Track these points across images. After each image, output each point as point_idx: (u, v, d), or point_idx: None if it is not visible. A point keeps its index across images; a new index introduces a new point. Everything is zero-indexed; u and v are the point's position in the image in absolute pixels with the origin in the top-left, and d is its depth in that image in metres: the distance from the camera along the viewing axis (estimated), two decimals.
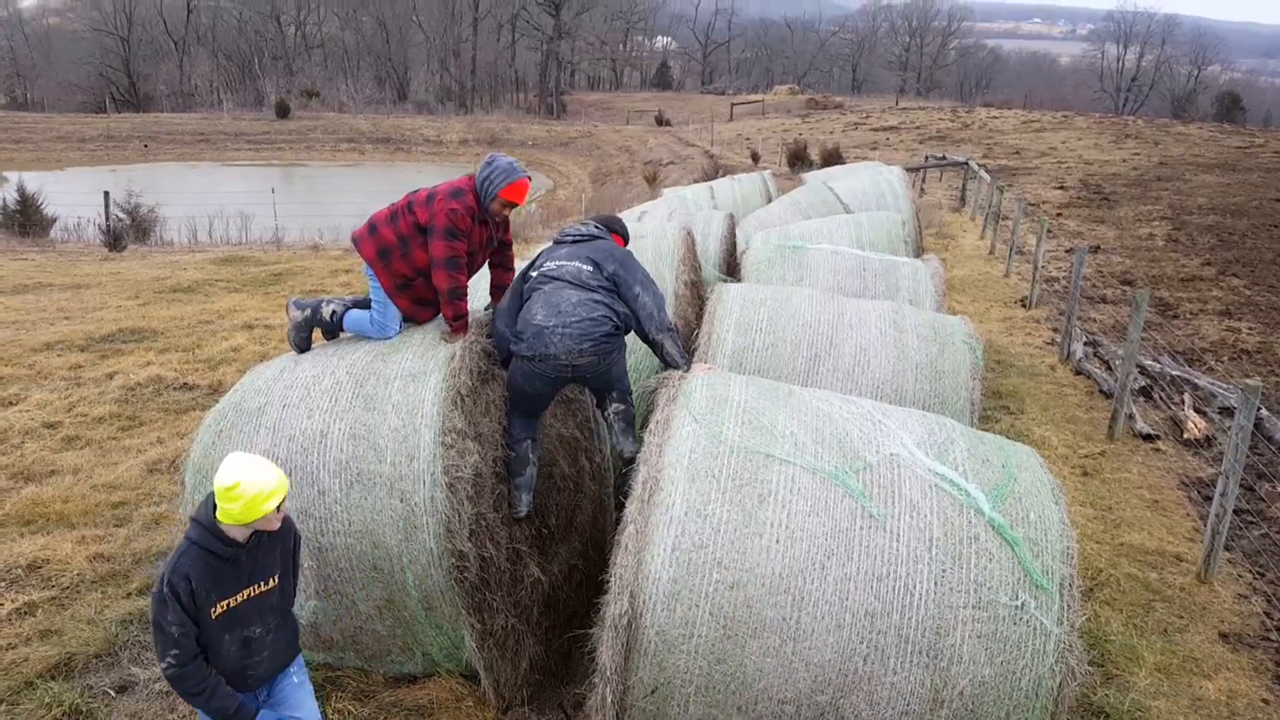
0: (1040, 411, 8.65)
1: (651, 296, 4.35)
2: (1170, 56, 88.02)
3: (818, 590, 3.15)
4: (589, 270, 4.33)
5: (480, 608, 4.00)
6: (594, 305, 4.21)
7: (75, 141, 50.48)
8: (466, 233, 4.27)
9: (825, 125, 48.72)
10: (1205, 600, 5.62)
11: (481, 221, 4.38)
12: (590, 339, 4.14)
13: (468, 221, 4.26)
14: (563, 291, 4.25)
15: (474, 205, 4.30)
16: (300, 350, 4.58)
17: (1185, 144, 34.98)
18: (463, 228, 4.24)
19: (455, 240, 4.23)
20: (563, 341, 4.12)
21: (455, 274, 4.25)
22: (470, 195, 4.31)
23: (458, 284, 4.26)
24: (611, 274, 4.34)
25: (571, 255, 4.41)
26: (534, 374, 4.22)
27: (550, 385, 4.29)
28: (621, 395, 4.43)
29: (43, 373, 8.96)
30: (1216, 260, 15.99)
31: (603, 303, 4.24)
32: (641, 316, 4.31)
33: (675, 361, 4.28)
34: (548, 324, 4.15)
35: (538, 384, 4.26)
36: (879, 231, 8.57)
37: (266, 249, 18.74)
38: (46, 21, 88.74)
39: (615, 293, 4.32)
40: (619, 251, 4.49)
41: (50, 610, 4.98)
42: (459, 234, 4.24)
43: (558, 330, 4.13)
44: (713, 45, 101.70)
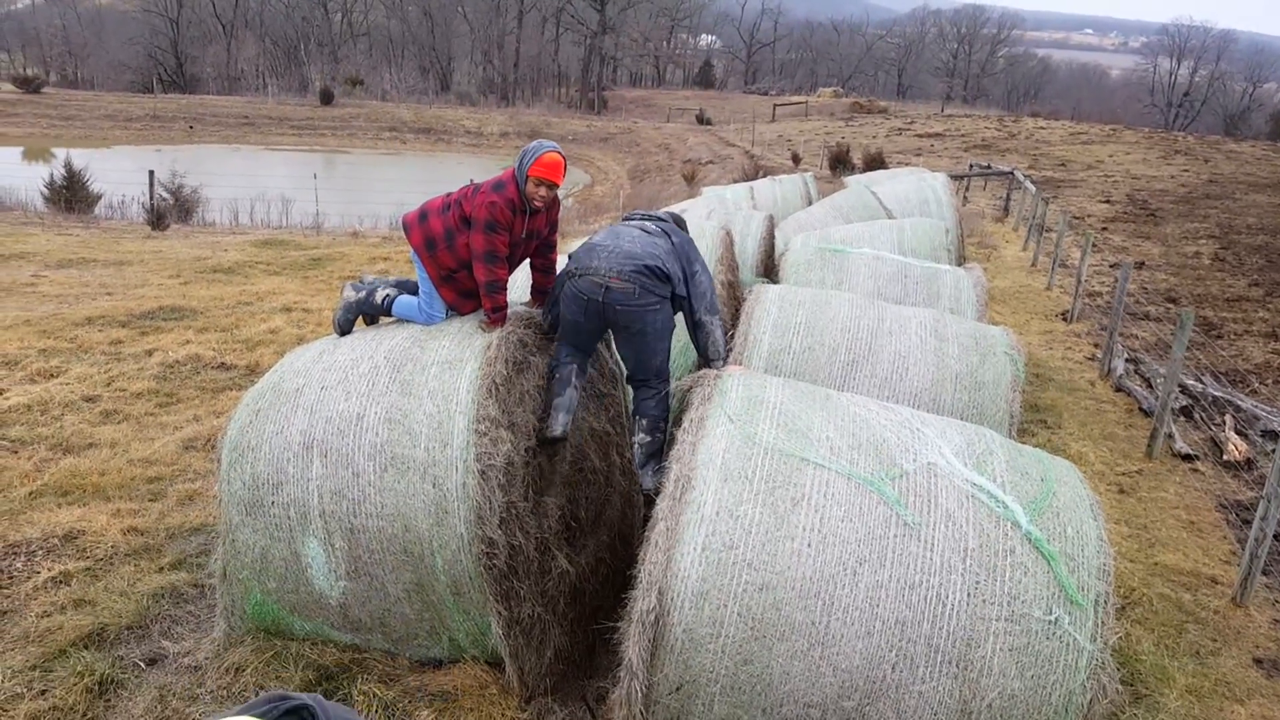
0: (1078, 427, 8.53)
1: (708, 279, 4.42)
2: (1225, 72, 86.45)
3: (848, 596, 3.12)
4: (658, 232, 4.44)
5: (507, 595, 4.01)
6: (655, 244, 4.30)
7: (122, 120, 51.28)
8: (507, 225, 4.28)
9: (868, 129, 48.37)
10: (1240, 624, 5.51)
11: (522, 212, 4.37)
12: (635, 262, 4.19)
13: (508, 214, 4.26)
14: (629, 229, 4.40)
15: (514, 197, 4.30)
16: (342, 332, 4.61)
17: (1236, 162, 34.33)
18: (502, 220, 4.25)
19: (494, 234, 4.24)
20: (608, 258, 4.21)
21: (494, 267, 4.26)
22: (511, 186, 4.32)
23: (496, 277, 4.28)
24: (679, 244, 4.42)
25: (642, 224, 4.54)
26: (574, 294, 4.27)
27: (584, 312, 4.27)
28: (653, 424, 4.42)
29: (84, 346, 9.11)
30: (1265, 281, 15.67)
31: (666, 249, 4.31)
32: (694, 294, 4.35)
33: (717, 347, 4.32)
34: (602, 243, 4.31)
35: (574, 307, 4.29)
36: (921, 238, 8.48)
37: (307, 233, 18.93)
38: (99, 1, 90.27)
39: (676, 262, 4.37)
40: (682, 234, 4.59)
41: (84, 580, 5.06)
42: (498, 227, 4.25)
43: (608, 247, 4.26)
44: (758, 45, 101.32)
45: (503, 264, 4.30)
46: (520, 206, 4.34)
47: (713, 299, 4.38)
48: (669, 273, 4.24)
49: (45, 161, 33.53)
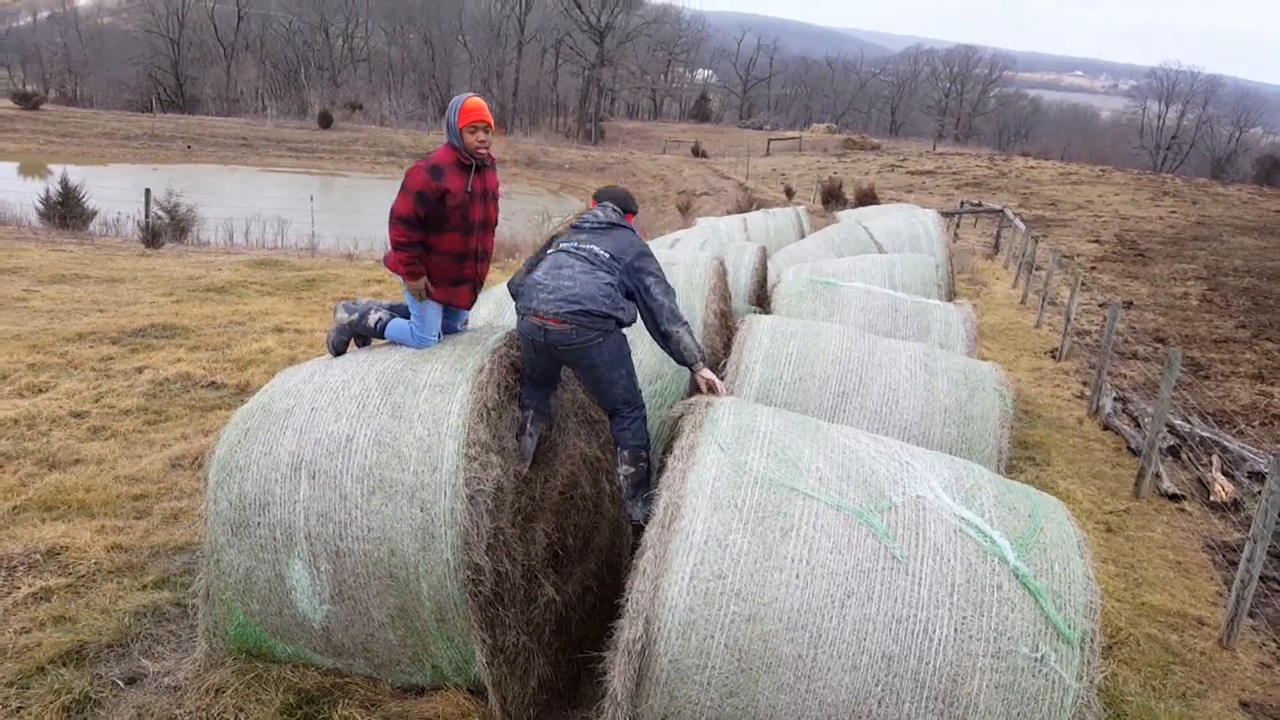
0: (1066, 464, 8.55)
1: (664, 289, 4.32)
2: (1212, 116, 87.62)
3: (836, 629, 3.11)
4: (606, 256, 4.32)
5: (492, 623, 3.98)
6: (596, 279, 4.20)
7: (120, 139, 51.37)
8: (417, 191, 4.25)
9: (861, 165, 48.78)
10: (1226, 667, 5.51)
11: (463, 167, 4.37)
12: (573, 303, 4.11)
13: (423, 176, 4.25)
14: (572, 261, 4.29)
15: (444, 158, 4.32)
16: (336, 353, 4.62)
17: (1224, 204, 34.72)
18: (415, 182, 4.24)
19: (404, 193, 4.26)
20: (547, 299, 4.15)
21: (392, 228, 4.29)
22: (440, 151, 4.37)
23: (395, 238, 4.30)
24: (630, 262, 4.33)
25: (592, 240, 4.40)
26: (521, 331, 4.28)
27: (532, 348, 4.27)
28: (634, 454, 4.37)
29: (74, 362, 9.07)
30: (1251, 323, 15.80)
31: (608, 282, 4.21)
32: (653, 308, 4.30)
33: (691, 354, 4.26)
34: (543, 280, 4.22)
35: (524, 344, 4.31)
36: (912, 273, 8.54)
37: (301, 255, 18.94)
38: (100, 20, 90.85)
39: (627, 282, 4.30)
40: (639, 243, 4.47)
41: (65, 597, 5.00)
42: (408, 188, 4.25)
43: (547, 286, 4.18)
44: (753, 80, 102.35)
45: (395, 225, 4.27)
46: (459, 161, 4.35)
47: (672, 308, 4.29)
48: (609, 313, 4.16)
49: (41, 177, 33.52)
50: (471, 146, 4.35)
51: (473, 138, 4.34)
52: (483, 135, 4.37)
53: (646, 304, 4.32)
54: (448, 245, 4.41)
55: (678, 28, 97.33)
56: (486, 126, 4.36)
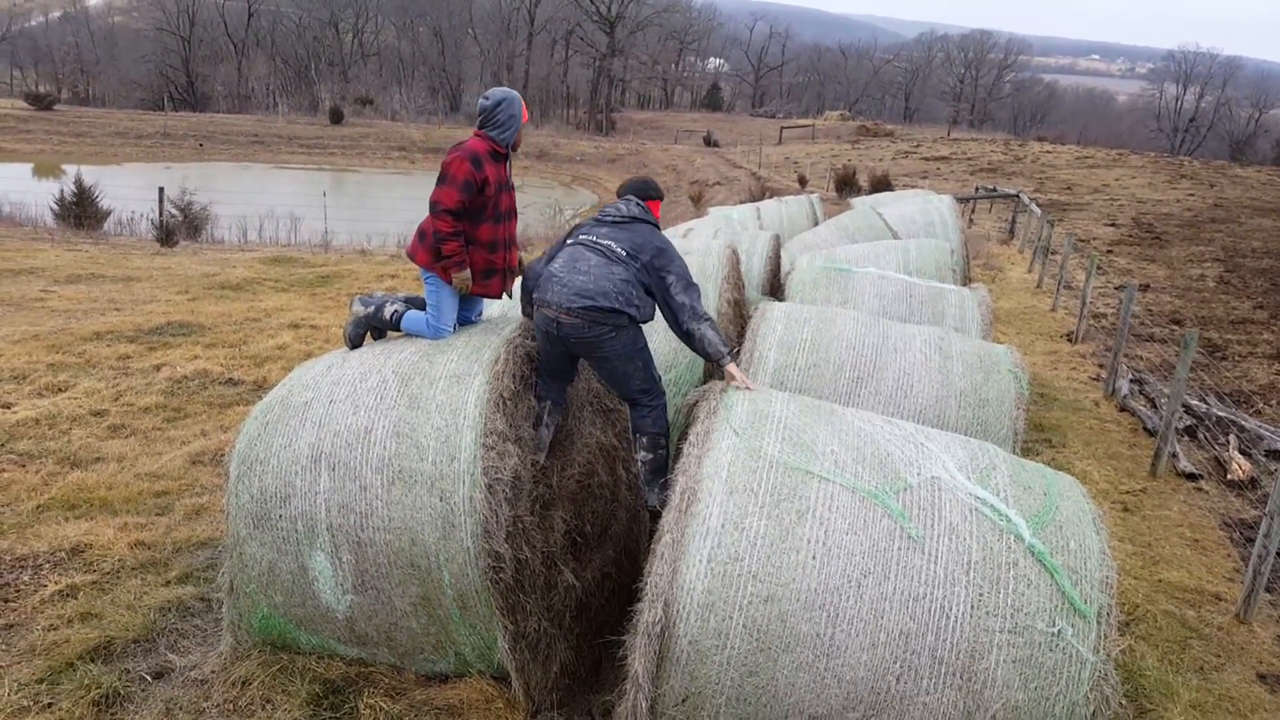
0: (1082, 446, 8.53)
1: (685, 286, 4.27)
2: (1230, 98, 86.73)
3: (853, 608, 3.13)
4: (623, 252, 4.29)
5: (514, 609, 4.03)
6: (611, 274, 4.18)
7: (133, 138, 51.72)
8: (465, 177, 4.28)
9: (875, 152, 48.56)
10: (1244, 640, 5.50)
11: (496, 156, 4.44)
12: (586, 298, 4.11)
13: (466, 166, 4.28)
14: (589, 254, 4.28)
15: (477, 148, 4.36)
16: (353, 345, 4.66)
17: (1242, 186, 34.39)
18: (458, 174, 4.27)
19: (441, 186, 4.28)
20: (560, 291, 4.15)
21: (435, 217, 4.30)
22: (474, 140, 4.41)
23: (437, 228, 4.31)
24: (648, 262, 4.28)
25: (611, 235, 4.38)
26: (537, 324, 4.30)
27: (546, 339, 4.29)
28: (653, 441, 4.38)
29: (92, 361, 9.17)
30: (1269, 304, 15.68)
31: (623, 278, 4.19)
32: (675, 305, 4.26)
33: (717, 349, 4.20)
34: (558, 273, 4.21)
35: (539, 333, 4.33)
36: (926, 259, 8.53)
37: (315, 251, 19.05)
38: (111, 19, 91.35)
39: (645, 279, 4.26)
40: (659, 239, 4.42)
41: (91, 594, 5.07)
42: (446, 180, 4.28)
43: (562, 279, 4.18)
44: (765, 69, 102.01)
45: (443, 217, 4.28)
46: (494, 150, 4.42)
47: (694, 305, 4.23)
48: (621, 309, 4.14)
49: (55, 178, 33.81)
50: (520, 139, 4.56)
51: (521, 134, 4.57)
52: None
53: (668, 303, 4.28)
54: (484, 235, 4.45)
55: (688, 17, 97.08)
56: None
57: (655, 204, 4.65)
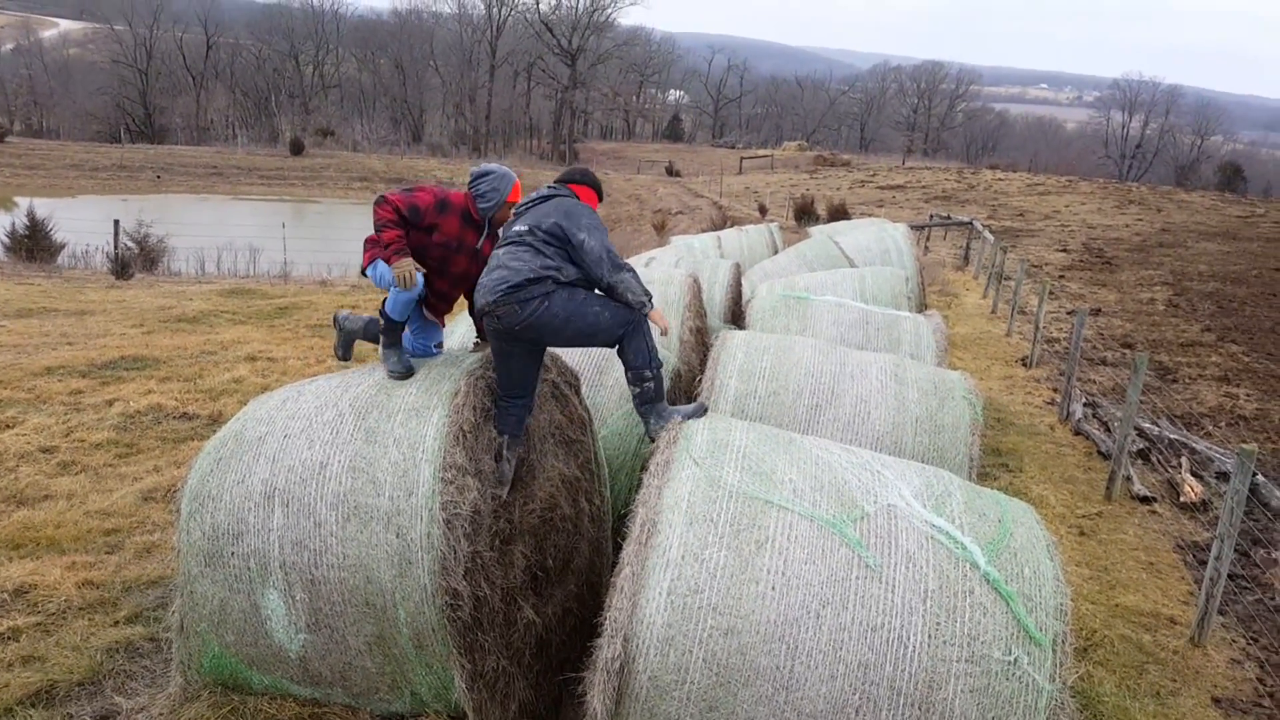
0: (1039, 470, 8.64)
1: (598, 241, 4.25)
2: (1174, 126, 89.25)
3: (812, 639, 3.13)
4: (525, 229, 4.33)
5: (472, 648, 3.97)
6: (518, 255, 4.23)
7: (88, 170, 50.97)
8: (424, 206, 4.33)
9: (832, 181, 49.22)
10: (1199, 664, 5.58)
11: (469, 221, 4.49)
12: (502, 288, 4.15)
13: (429, 200, 4.35)
14: (499, 252, 4.33)
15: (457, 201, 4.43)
16: (343, 357, 4.76)
17: (1188, 211, 35.30)
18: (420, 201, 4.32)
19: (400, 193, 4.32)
20: (483, 292, 4.21)
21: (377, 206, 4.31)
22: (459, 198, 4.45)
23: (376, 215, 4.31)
24: (551, 227, 4.29)
25: (520, 222, 4.42)
26: (488, 331, 4.34)
27: (500, 339, 4.31)
28: (637, 375, 4.37)
29: (42, 397, 8.97)
30: (1216, 327, 16.06)
31: (525, 256, 4.22)
32: (589, 263, 4.25)
33: (638, 297, 4.22)
34: (482, 280, 4.28)
35: (494, 342, 4.36)
36: (882, 286, 8.64)
37: (274, 282, 18.85)
38: (66, 52, 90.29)
39: (557, 245, 4.28)
40: (565, 203, 4.43)
41: (35, 636, 4.93)
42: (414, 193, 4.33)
43: (482, 282, 4.25)
44: (724, 100, 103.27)
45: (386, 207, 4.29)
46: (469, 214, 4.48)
47: (611, 258, 4.23)
48: (541, 275, 4.18)
49: (7, 210, 33.16)
50: (502, 218, 4.57)
51: (508, 212, 4.57)
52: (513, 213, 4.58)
53: (582, 259, 4.26)
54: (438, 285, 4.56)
55: (648, 50, 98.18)
56: None
57: (578, 187, 4.64)
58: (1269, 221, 32.13)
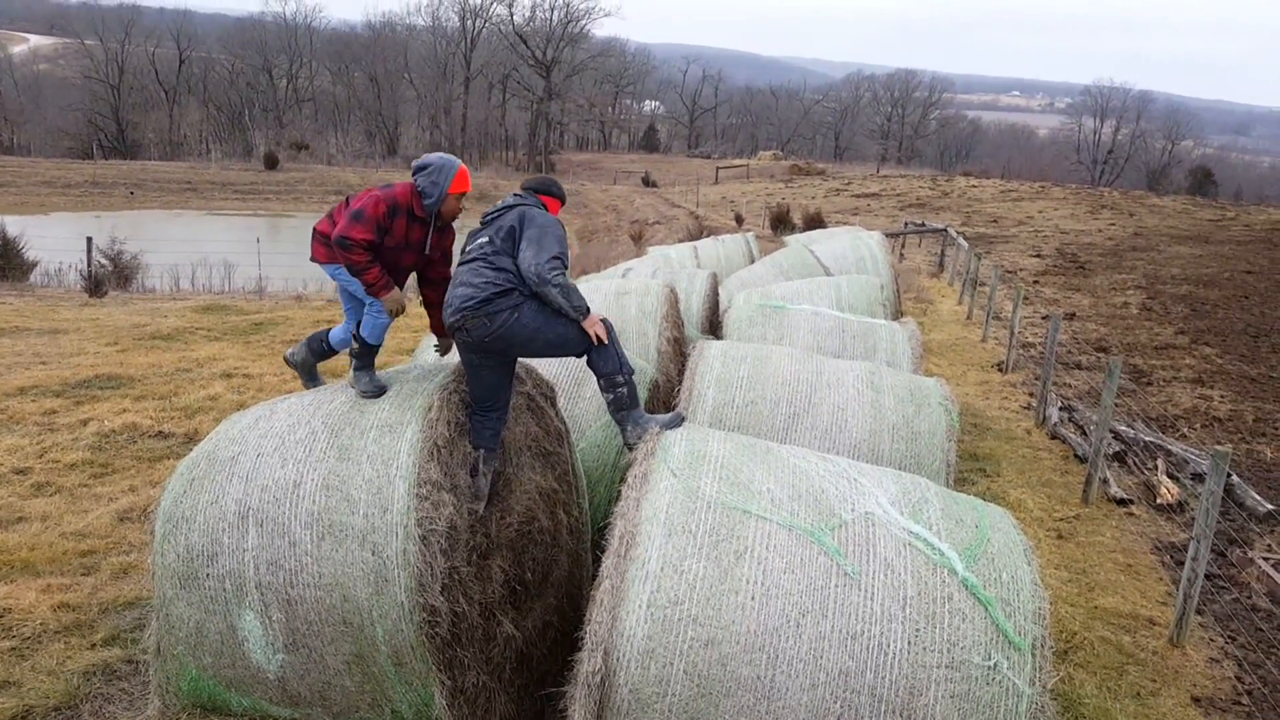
0: (1016, 475, 8.70)
1: (535, 251, 4.19)
2: (1145, 131, 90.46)
3: (792, 648, 3.13)
4: (485, 241, 4.33)
5: (451, 664, 3.94)
6: (476, 274, 4.22)
7: (60, 187, 50.47)
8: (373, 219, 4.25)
9: (808, 190, 49.49)
10: (1178, 664, 5.63)
11: (419, 220, 4.42)
12: (465, 305, 4.15)
13: (382, 209, 4.27)
14: (463, 269, 4.32)
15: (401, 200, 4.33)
16: (311, 386, 4.69)
17: (1159, 215, 35.75)
18: (370, 213, 4.24)
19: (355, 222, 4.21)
20: (450, 312, 4.21)
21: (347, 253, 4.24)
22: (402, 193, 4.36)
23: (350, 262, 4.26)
24: (509, 231, 4.29)
25: (481, 235, 4.41)
26: (459, 345, 4.33)
27: (472, 351, 4.30)
28: (609, 381, 4.35)
29: (15, 417, 8.85)
30: (1189, 329, 16.25)
31: (486, 272, 4.21)
32: (522, 271, 4.21)
33: (568, 304, 4.17)
34: (448, 297, 4.27)
35: (464, 355, 4.34)
36: (858, 294, 8.69)
37: (249, 298, 18.71)
38: (37, 67, 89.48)
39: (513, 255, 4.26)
40: (527, 211, 4.40)
41: (9, 661, 4.86)
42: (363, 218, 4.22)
43: (449, 301, 4.24)
44: (700, 111, 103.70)
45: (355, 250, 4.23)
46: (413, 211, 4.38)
47: (540, 269, 4.14)
48: (506, 289, 4.17)
49: None
50: (450, 210, 4.47)
51: (456, 204, 4.46)
52: (464, 204, 4.51)
53: (517, 266, 4.24)
54: None
55: (623, 61, 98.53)
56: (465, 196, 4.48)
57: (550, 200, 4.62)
58: (1239, 225, 32.61)
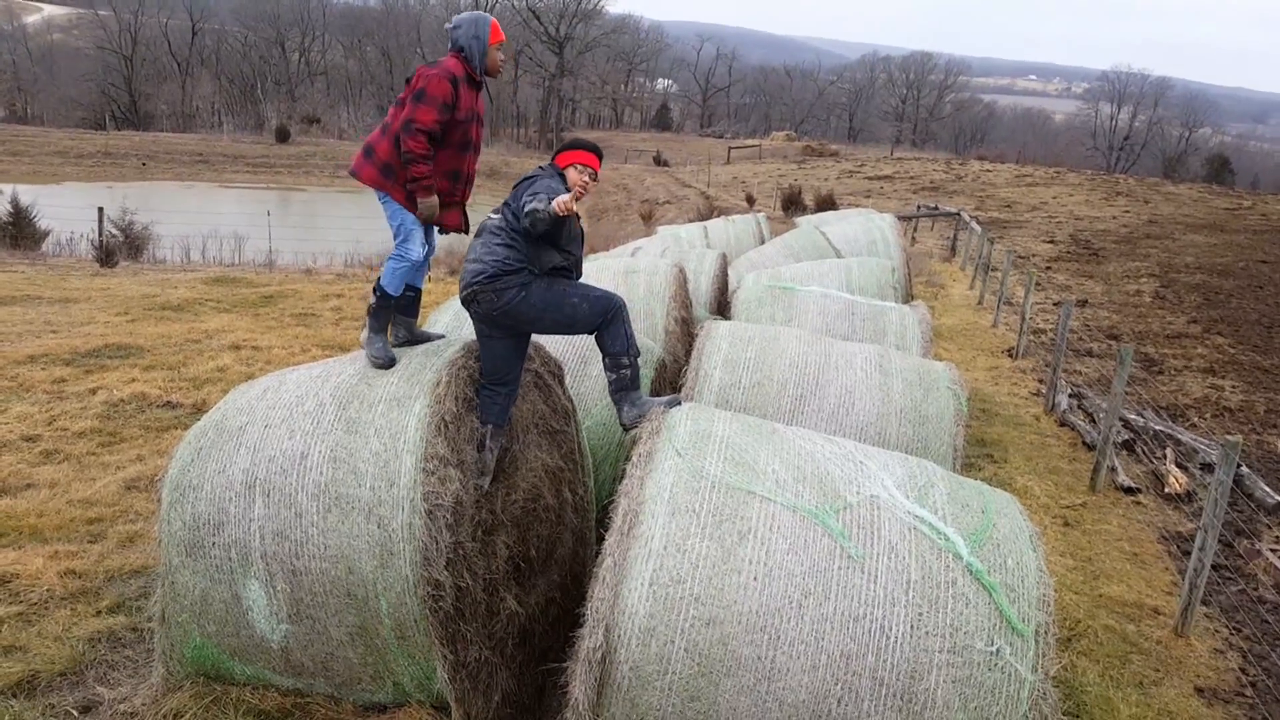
0: (1024, 461, 8.67)
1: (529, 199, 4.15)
2: (1162, 118, 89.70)
3: (794, 630, 3.13)
4: (499, 218, 4.33)
5: (454, 638, 3.96)
6: (490, 245, 4.23)
7: (73, 157, 50.59)
8: (443, 97, 4.19)
9: (820, 172, 49.21)
10: (1181, 654, 5.61)
11: (473, 84, 4.36)
12: (476, 279, 4.19)
13: (446, 86, 4.19)
14: (476, 240, 4.34)
15: (455, 70, 4.26)
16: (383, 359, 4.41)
17: (1175, 203, 35.45)
18: (437, 93, 4.17)
19: (420, 103, 4.16)
20: (463, 286, 4.26)
21: (409, 137, 4.16)
22: (450, 61, 4.28)
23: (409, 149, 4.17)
24: (516, 209, 4.26)
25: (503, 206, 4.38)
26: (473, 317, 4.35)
27: (484, 323, 4.32)
28: (614, 361, 4.34)
29: (25, 385, 8.89)
30: (1202, 318, 16.14)
31: (499, 243, 4.22)
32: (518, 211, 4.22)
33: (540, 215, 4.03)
34: (466, 263, 4.30)
35: (478, 325, 4.36)
36: (869, 277, 8.63)
37: (259, 271, 18.73)
38: (50, 37, 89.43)
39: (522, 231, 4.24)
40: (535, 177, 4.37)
41: (16, 626, 4.89)
42: (426, 98, 4.16)
43: (463, 275, 4.28)
44: (713, 90, 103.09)
45: (418, 136, 4.18)
46: (470, 76, 4.33)
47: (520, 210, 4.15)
48: (517, 267, 4.19)
49: None
50: (495, 64, 4.41)
51: (497, 55, 4.40)
52: (504, 55, 4.43)
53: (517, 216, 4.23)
54: (446, 162, 4.37)
55: (636, 38, 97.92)
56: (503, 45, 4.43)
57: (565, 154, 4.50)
58: (1256, 214, 32.32)
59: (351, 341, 11.48)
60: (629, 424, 4.26)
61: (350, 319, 13.04)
